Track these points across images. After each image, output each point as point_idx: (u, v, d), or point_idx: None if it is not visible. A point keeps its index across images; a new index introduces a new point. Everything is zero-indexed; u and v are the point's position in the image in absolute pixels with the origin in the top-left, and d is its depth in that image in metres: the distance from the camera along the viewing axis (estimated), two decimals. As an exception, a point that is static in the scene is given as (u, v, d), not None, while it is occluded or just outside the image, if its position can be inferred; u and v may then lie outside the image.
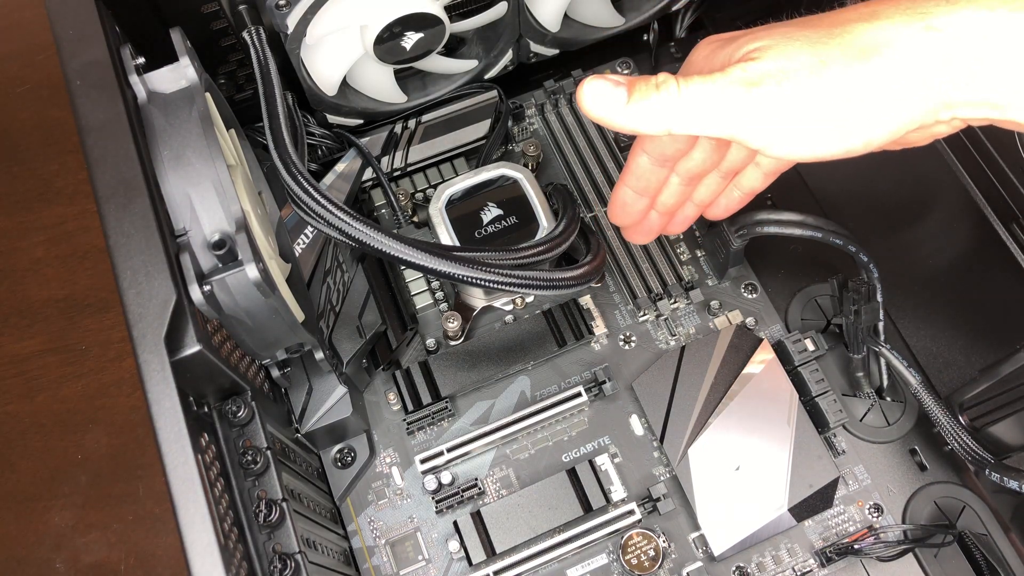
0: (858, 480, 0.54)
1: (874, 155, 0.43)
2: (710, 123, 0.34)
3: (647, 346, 0.58)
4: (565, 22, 0.58)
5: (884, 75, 0.33)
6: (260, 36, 0.47)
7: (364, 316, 0.53)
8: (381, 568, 0.52)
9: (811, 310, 0.59)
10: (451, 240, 0.55)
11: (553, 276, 0.47)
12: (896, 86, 0.33)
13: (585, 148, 0.63)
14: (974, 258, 0.51)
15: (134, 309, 0.35)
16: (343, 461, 0.54)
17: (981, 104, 0.32)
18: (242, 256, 0.36)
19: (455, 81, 0.58)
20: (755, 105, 0.33)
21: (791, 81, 0.33)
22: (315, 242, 0.52)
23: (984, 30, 0.31)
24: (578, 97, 0.36)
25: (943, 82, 0.32)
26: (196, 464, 0.33)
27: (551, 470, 0.54)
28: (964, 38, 0.32)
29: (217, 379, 0.39)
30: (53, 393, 0.67)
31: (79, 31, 0.40)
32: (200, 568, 0.32)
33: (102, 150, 0.37)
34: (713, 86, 0.34)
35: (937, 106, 0.33)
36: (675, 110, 0.35)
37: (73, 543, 0.63)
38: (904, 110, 0.33)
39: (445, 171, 0.61)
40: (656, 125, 0.35)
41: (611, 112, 0.35)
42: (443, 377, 0.55)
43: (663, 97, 0.35)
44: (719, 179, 0.45)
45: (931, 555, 0.51)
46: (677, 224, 0.49)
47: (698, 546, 0.52)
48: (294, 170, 0.43)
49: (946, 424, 0.50)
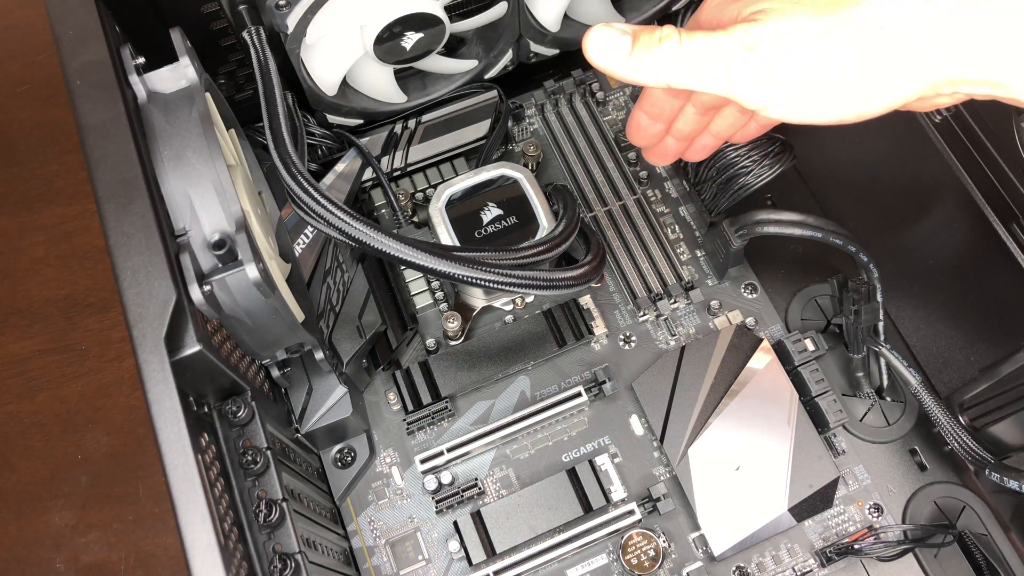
0: (858, 480, 0.54)
1: (874, 155, 0.43)
2: (707, 81, 0.35)
3: (647, 346, 0.58)
4: (565, 22, 0.58)
5: (885, 49, 0.32)
6: (260, 36, 0.47)
7: (364, 316, 0.53)
8: (381, 568, 0.52)
9: (811, 310, 0.59)
10: (451, 240, 0.55)
11: (553, 276, 0.47)
12: (897, 60, 0.32)
13: (585, 148, 0.63)
14: (974, 258, 0.51)
15: (134, 309, 0.35)
16: (343, 461, 0.54)
17: (982, 82, 0.32)
18: (242, 256, 0.36)
19: (455, 81, 0.58)
20: (753, 68, 0.34)
21: (790, 48, 0.33)
22: (315, 242, 0.52)
23: (986, 5, 0.31)
24: (584, 45, 0.36)
25: (945, 58, 0.32)
26: (196, 464, 0.33)
27: (551, 470, 0.54)
28: (966, 13, 0.31)
29: (217, 379, 0.39)
30: (53, 393, 0.67)
31: (79, 31, 0.40)
32: (200, 568, 0.32)
33: (102, 150, 0.37)
34: (714, 44, 0.34)
35: (938, 82, 0.33)
36: (675, 65, 0.35)
37: (73, 543, 0.63)
38: (903, 85, 0.33)
39: (445, 171, 0.61)
40: (656, 78, 0.35)
41: (614, 62, 0.36)
42: (443, 377, 0.55)
43: (664, 50, 0.35)
44: (737, 113, 0.45)
45: (931, 555, 0.51)
46: (695, 152, 0.47)
47: (698, 546, 0.52)
48: (294, 170, 0.43)
49: (946, 424, 0.50)
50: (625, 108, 0.66)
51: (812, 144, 0.64)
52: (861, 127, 0.36)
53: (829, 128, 0.36)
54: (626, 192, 0.61)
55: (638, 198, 0.61)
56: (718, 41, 0.34)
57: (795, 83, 0.34)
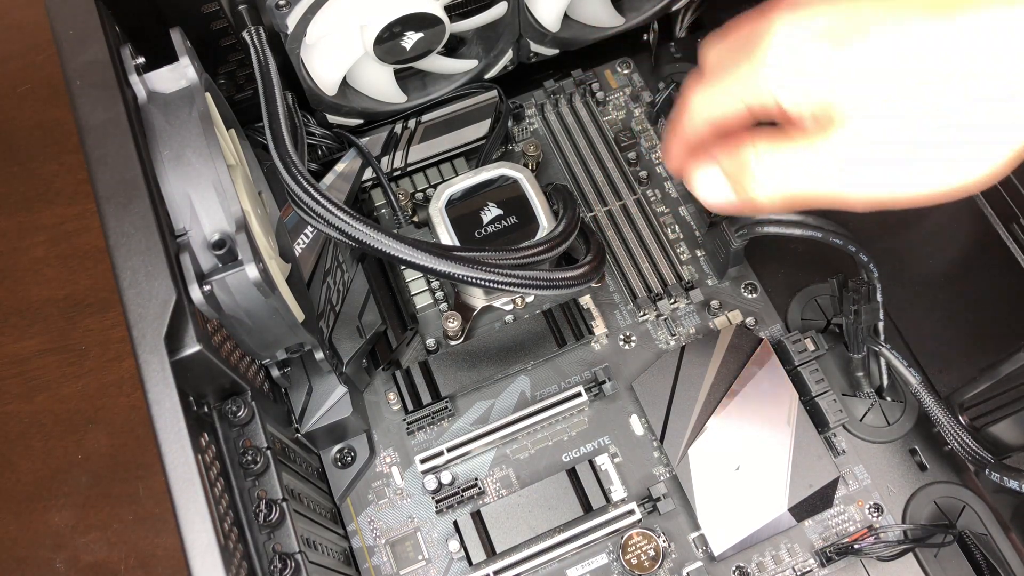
0: (858, 480, 0.54)
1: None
2: (804, 205, 0.34)
3: (647, 346, 0.58)
4: (565, 22, 0.58)
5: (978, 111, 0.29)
6: (260, 36, 0.47)
7: (364, 316, 0.53)
8: (381, 568, 0.52)
9: (811, 310, 0.59)
10: (451, 240, 0.55)
11: (553, 276, 0.47)
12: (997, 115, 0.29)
13: (585, 148, 0.63)
14: (974, 258, 0.51)
15: (134, 309, 0.35)
16: (343, 461, 0.54)
17: None
18: (242, 256, 0.36)
19: (455, 81, 0.59)
20: (849, 183, 0.32)
21: (884, 153, 0.30)
22: (315, 242, 0.52)
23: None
24: (695, 192, 0.36)
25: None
26: (196, 464, 0.33)
27: (551, 470, 0.54)
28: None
29: (217, 379, 0.39)
30: (53, 393, 0.67)
31: (79, 31, 0.40)
32: (200, 568, 0.32)
33: (102, 150, 0.37)
34: (804, 168, 0.32)
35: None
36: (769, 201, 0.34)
37: (73, 543, 0.63)
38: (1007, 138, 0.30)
39: (445, 171, 0.61)
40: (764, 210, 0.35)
41: (724, 206, 0.36)
42: (443, 377, 0.55)
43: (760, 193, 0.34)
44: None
45: (931, 555, 0.51)
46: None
47: (698, 546, 0.52)
48: (294, 170, 0.43)
49: (946, 424, 0.50)
50: (625, 108, 0.66)
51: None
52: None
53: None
54: (626, 192, 0.61)
55: (638, 198, 0.61)
56: (808, 165, 0.32)
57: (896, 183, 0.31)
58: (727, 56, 0.34)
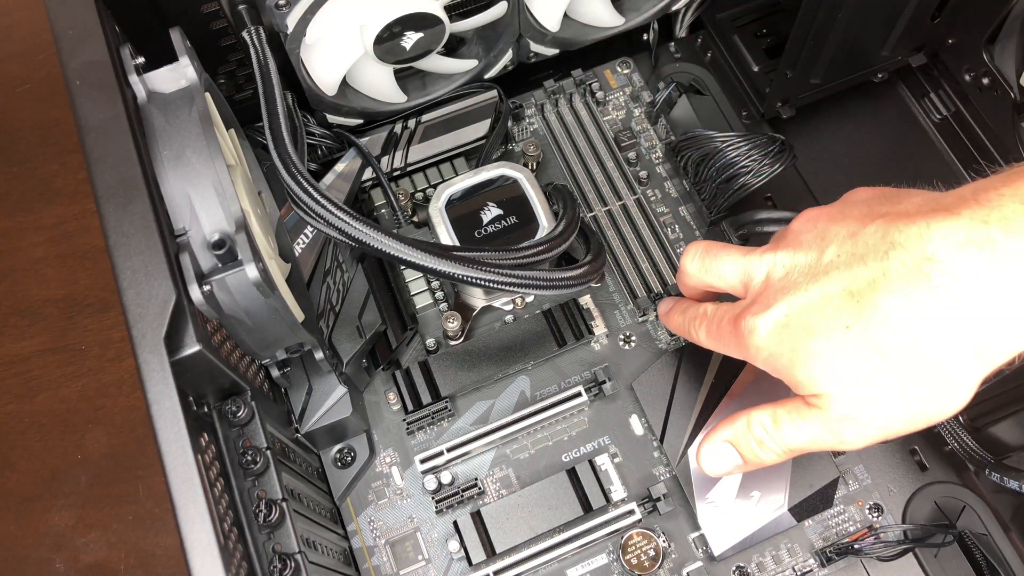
0: (858, 480, 0.54)
1: (874, 155, 0.43)
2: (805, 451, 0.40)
3: (647, 346, 0.58)
4: (565, 22, 0.58)
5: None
6: (260, 36, 0.47)
7: (364, 316, 0.53)
8: (381, 568, 0.52)
9: (811, 310, 0.59)
10: (451, 240, 0.55)
11: (553, 276, 0.47)
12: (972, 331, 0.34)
13: (585, 148, 0.63)
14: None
15: (134, 309, 0.35)
16: (343, 461, 0.54)
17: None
18: (242, 256, 0.36)
19: (455, 81, 0.59)
20: (845, 442, 0.37)
21: (871, 413, 0.36)
22: (315, 242, 0.52)
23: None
24: (700, 464, 0.43)
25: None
26: (196, 464, 0.33)
27: (551, 470, 0.54)
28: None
29: (217, 379, 0.39)
30: (53, 393, 0.67)
31: (79, 31, 0.40)
32: (200, 568, 0.32)
33: (102, 150, 0.37)
34: (806, 442, 0.38)
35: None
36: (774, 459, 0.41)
37: (73, 543, 0.63)
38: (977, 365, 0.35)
39: (445, 171, 0.61)
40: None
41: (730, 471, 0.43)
42: (443, 377, 0.55)
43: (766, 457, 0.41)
44: None
45: (931, 555, 0.51)
46: None
47: (698, 546, 0.52)
48: (294, 170, 0.43)
49: (946, 424, 0.50)
50: (625, 108, 0.66)
51: (812, 144, 0.64)
52: (861, 127, 0.36)
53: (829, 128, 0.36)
54: (626, 192, 0.61)
55: (638, 198, 0.61)
56: (809, 439, 0.38)
57: (887, 428, 0.36)
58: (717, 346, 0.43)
